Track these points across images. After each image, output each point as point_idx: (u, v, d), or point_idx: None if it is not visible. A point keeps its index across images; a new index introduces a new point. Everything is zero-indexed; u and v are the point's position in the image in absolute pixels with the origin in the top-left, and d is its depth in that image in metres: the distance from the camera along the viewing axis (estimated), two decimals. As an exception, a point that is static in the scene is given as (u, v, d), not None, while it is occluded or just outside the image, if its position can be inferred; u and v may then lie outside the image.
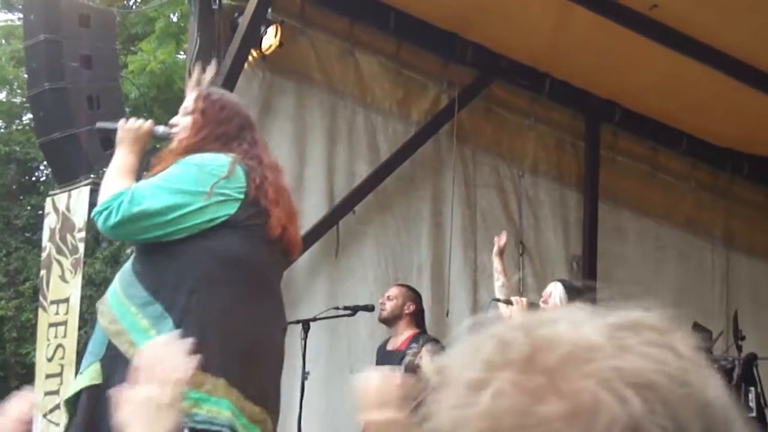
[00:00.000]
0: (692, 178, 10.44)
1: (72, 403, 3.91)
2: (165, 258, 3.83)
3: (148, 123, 4.13)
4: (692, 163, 10.40)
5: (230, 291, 3.84)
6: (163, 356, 2.18)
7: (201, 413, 3.65)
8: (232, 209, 3.85)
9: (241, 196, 3.88)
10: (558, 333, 0.99)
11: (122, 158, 4.02)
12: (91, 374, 3.79)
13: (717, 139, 10.21)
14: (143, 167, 4.16)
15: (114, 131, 4.11)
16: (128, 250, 4.20)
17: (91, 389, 3.80)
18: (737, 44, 8.25)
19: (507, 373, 0.97)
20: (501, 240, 7.13)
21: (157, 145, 4.38)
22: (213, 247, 3.83)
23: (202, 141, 4.01)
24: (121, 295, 3.84)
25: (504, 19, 8.56)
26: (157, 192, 3.78)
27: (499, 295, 6.75)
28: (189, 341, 2.08)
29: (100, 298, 4.01)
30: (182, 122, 4.13)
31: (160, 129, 4.15)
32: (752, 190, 10.78)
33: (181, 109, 4.21)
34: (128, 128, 4.08)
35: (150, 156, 4.21)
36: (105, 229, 3.82)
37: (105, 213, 3.75)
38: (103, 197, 3.83)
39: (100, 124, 4.40)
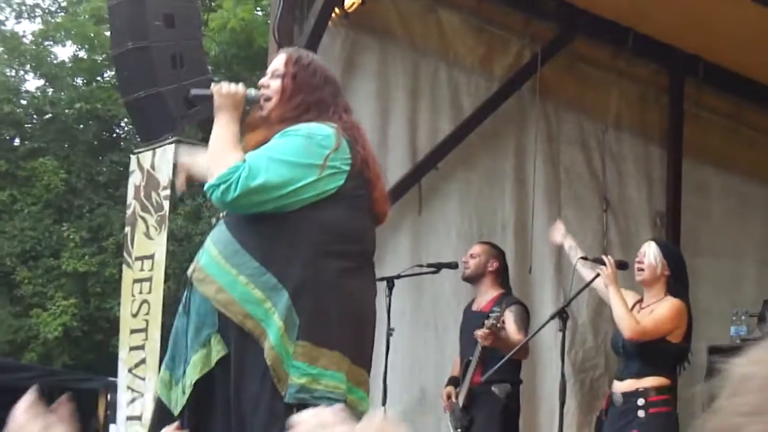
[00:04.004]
0: (777, 133, 10.29)
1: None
2: (274, 228, 3.85)
3: (241, 87, 4.07)
4: (777, 118, 10.25)
5: (341, 263, 3.88)
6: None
7: (319, 388, 3.74)
8: (340, 181, 3.89)
9: (348, 168, 3.90)
10: None
11: (226, 127, 3.98)
12: (216, 347, 3.84)
13: (803, 93, 10.04)
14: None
15: (210, 97, 4.06)
16: (209, 207, 4.09)
17: (222, 360, 3.85)
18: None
19: None
20: (556, 234, 7.09)
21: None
22: (322, 219, 3.86)
23: (297, 109, 4.00)
24: (225, 264, 3.86)
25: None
26: (273, 165, 3.79)
27: (581, 261, 6.66)
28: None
29: (182, 253, 4.02)
30: (272, 85, 4.09)
31: (252, 92, 4.09)
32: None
33: (270, 71, 4.15)
34: (226, 94, 4.02)
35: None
36: (222, 202, 3.82)
37: (223, 186, 3.75)
38: (216, 170, 3.82)
39: (194, 92, 4.31)
